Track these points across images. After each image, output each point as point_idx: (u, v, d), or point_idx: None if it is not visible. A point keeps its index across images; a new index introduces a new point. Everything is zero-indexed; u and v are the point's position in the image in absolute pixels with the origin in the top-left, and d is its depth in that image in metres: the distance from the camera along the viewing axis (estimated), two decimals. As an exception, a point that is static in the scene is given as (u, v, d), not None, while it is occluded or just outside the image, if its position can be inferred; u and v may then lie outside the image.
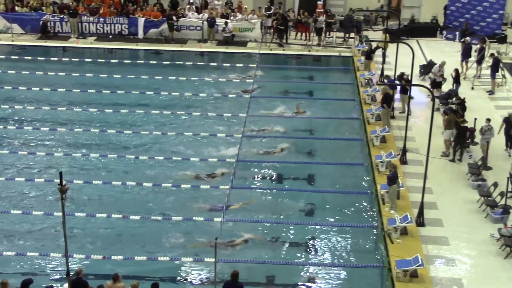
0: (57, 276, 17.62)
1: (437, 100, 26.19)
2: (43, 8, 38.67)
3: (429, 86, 27.15)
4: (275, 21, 36.92)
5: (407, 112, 24.86)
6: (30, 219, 20.30)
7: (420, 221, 19.77)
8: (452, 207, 20.92)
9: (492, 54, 30.54)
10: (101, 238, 19.52)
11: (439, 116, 25.41)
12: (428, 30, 39.20)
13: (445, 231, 19.66)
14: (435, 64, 30.87)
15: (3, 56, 35.54)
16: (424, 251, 18.45)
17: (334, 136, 26.50)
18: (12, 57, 35.25)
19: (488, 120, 23.66)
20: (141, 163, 23.94)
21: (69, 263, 14.57)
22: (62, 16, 37.94)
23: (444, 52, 35.35)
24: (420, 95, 29.16)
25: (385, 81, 28.07)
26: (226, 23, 36.94)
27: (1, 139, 25.66)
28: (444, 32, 38.86)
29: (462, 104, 25.79)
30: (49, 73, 32.48)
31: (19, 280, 15.49)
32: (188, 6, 38.83)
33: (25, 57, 34.73)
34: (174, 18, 37.20)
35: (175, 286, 17.63)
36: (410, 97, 26.27)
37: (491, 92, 29.82)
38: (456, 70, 29.24)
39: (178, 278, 17.94)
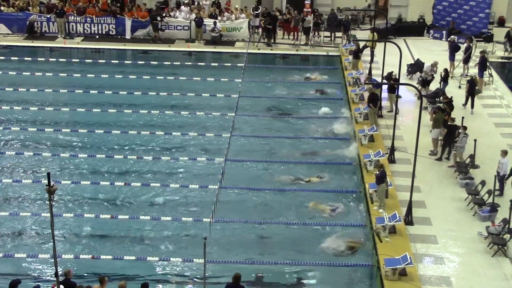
0: (46, 277, 17.52)
1: (424, 99, 26.30)
2: (30, 8, 38.47)
3: (416, 85, 27.25)
4: (263, 21, 36.94)
5: (395, 111, 24.92)
6: (18, 220, 20.19)
7: (409, 220, 19.83)
8: (440, 206, 21.00)
9: (481, 51, 30.57)
10: (90, 239, 19.45)
11: (427, 115, 25.50)
12: (415, 29, 39.36)
13: (433, 229, 19.74)
14: (423, 63, 31.02)
15: (-11, 57, 35.37)
16: (413, 249, 18.52)
17: (322, 135, 26.53)
18: (-1, 57, 35.07)
19: (464, 128, 23.43)
20: (129, 163, 23.87)
21: (58, 264, 14.47)
22: (49, 16, 37.75)
23: (431, 51, 35.51)
24: (407, 94, 29.25)
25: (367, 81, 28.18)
26: (215, 23, 36.89)
27: (-12, 140, 25.52)
28: (431, 31, 39.02)
29: (449, 103, 25.91)
30: (36, 73, 32.33)
31: (7, 281, 15.40)
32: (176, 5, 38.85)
33: (12, 58, 34.53)
34: (158, 18, 37.14)
35: (165, 287, 17.57)
36: (398, 96, 26.35)
37: (478, 91, 29.93)
38: (446, 70, 29.37)
39: (168, 278, 17.89)
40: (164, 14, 37.71)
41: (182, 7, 38.86)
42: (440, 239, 19.27)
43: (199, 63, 35.08)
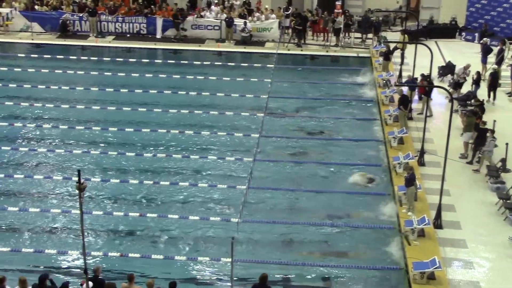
0: (75, 274, 17.70)
1: (455, 102, 26.04)
2: (63, 7, 38.96)
3: (448, 88, 27.01)
4: (293, 21, 36.91)
5: (425, 113, 24.69)
6: (49, 217, 20.44)
7: (438, 223, 19.66)
8: (470, 210, 20.78)
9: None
10: (118, 236, 19.61)
11: (458, 117, 25.25)
12: (447, 31, 38.99)
13: (463, 233, 19.53)
14: (454, 65, 30.72)
15: (23, 55, 35.83)
16: (442, 253, 18.34)
17: (352, 137, 26.42)
18: (32, 55, 35.48)
19: (492, 131, 23.22)
20: (158, 162, 24.02)
21: (87, 261, 14.62)
22: (81, 15, 38.18)
23: (463, 53, 35.13)
24: (438, 97, 29.00)
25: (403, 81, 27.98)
26: (245, 23, 36.96)
27: (20, 137, 25.84)
28: (463, 33, 38.62)
29: (481, 106, 25.62)
30: (68, 71, 32.69)
31: (37, 277, 15.59)
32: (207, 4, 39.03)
33: (45, 56, 34.97)
34: (180, 18, 37.37)
35: (192, 286, 17.64)
36: (430, 98, 26.13)
37: (510, 94, 29.58)
38: (478, 73, 29.06)
39: (195, 277, 17.96)
40: (186, 14, 37.88)
41: (213, 7, 39.03)
42: (470, 243, 19.06)
43: (229, 63, 35.20)
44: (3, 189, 21.99)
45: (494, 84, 28.26)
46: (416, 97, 28.38)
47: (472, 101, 27.03)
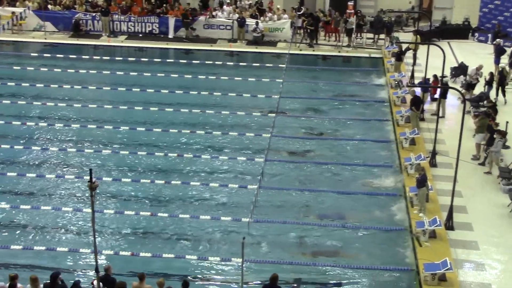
0: (86, 272, 17.77)
1: (468, 103, 25.93)
2: (76, 6, 39.13)
3: (460, 89, 26.90)
4: (305, 22, 36.88)
5: (438, 114, 24.60)
6: (60, 215, 20.52)
7: (449, 225, 19.58)
8: (482, 211, 20.68)
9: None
10: (129, 236, 19.66)
11: (470, 119, 25.15)
12: (460, 31, 38.81)
13: (474, 235, 19.45)
14: (467, 66, 30.59)
15: (36, 54, 36.02)
16: (453, 255, 18.27)
17: (362, 137, 26.37)
18: (45, 55, 35.64)
19: (500, 132, 23.06)
20: (170, 161, 24.06)
21: (98, 260, 14.67)
22: (94, 14, 38.32)
23: (476, 54, 34.98)
24: (450, 98, 28.84)
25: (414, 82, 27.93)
26: (256, 23, 36.97)
27: (33, 135, 25.96)
28: (476, 34, 38.44)
29: (493, 107, 25.51)
30: (80, 71, 32.81)
31: (48, 275, 15.66)
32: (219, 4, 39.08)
33: (57, 55, 35.12)
34: (190, 17, 37.46)
35: (202, 285, 17.66)
36: (444, 100, 26.05)
37: (507, 82, 29.48)
38: (491, 74, 28.93)
39: (206, 277, 17.98)
40: (195, 14, 37.95)
41: (225, 6, 39.04)
42: (482, 245, 18.97)
43: (240, 63, 35.20)
44: (16, 188, 22.10)
45: (502, 82, 28.39)
46: (428, 98, 28.28)
47: (485, 102, 26.92)
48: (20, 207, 20.78)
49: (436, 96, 27.66)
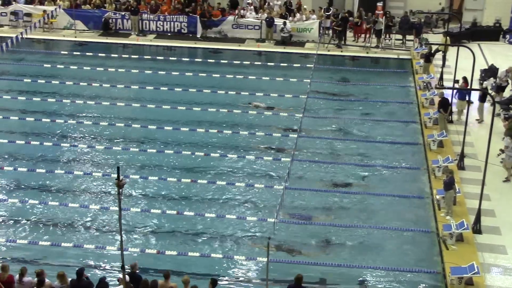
0: (112, 269, 17.92)
1: (497, 106, 25.65)
2: (105, 5, 39.47)
3: (490, 91, 26.62)
4: (334, 22, 36.77)
5: (467, 117, 24.36)
6: (87, 213, 20.73)
7: (477, 228, 19.39)
8: (510, 215, 20.44)
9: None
10: (156, 234, 19.79)
11: (500, 121, 24.87)
12: (491, 33, 38.33)
13: (502, 239, 19.24)
14: (497, 68, 30.25)
15: (66, 52, 36.42)
16: (480, 259, 18.10)
17: (390, 140, 26.23)
18: (75, 53, 36.01)
19: None
20: (197, 160, 24.17)
21: (124, 257, 14.79)
22: (123, 13, 38.62)
23: (507, 56, 34.55)
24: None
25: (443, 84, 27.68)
26: (284, 23, 36.96)
27: (62, 133, 26.23)
28: (507, 36, 37.98)
29: (523, 110, 25.24)
30: (109, 69, 33.09)
31: (75, 272, 15.83)
32: (248, 4, 39.09)
33: (87, 53, 35.46)
34: (207, 15, 37.66)
35: (227, 284, 17.71)
36: (470, 102, 25.79)
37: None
38: (522, 76, 28.67)
39: (231, 276, 18.03)
40: (211, 13, 38.06)
41: (253, 6, 39.06)
42: (510, 249, 18.76)
43: (268, 63, 35.23)
44: (44, 185, 22.37)
45: None
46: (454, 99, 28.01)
47: (515, 105, 26.65)
48: (48, 203, 21.02)
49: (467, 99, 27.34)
